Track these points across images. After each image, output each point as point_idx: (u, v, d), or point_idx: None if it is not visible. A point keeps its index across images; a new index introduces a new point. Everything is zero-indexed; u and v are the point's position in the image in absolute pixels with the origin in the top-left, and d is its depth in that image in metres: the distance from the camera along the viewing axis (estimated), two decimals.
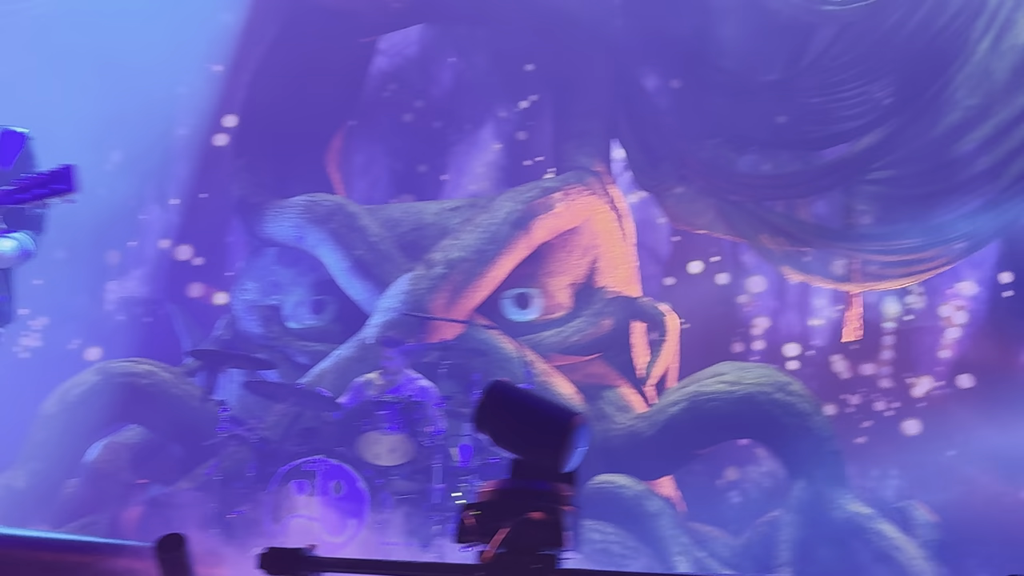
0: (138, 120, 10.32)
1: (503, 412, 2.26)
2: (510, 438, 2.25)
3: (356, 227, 10.08)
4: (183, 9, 9.69)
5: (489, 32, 11.03)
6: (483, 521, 2.14)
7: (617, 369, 9.89)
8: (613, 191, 10.31)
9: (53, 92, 9.60)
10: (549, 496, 2.14)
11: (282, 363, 9.96)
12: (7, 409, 3.82)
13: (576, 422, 2.20)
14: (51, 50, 9.94)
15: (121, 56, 9.73)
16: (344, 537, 7.02)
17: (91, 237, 10.47)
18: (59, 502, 9.35)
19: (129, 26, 9.72)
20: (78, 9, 10.10)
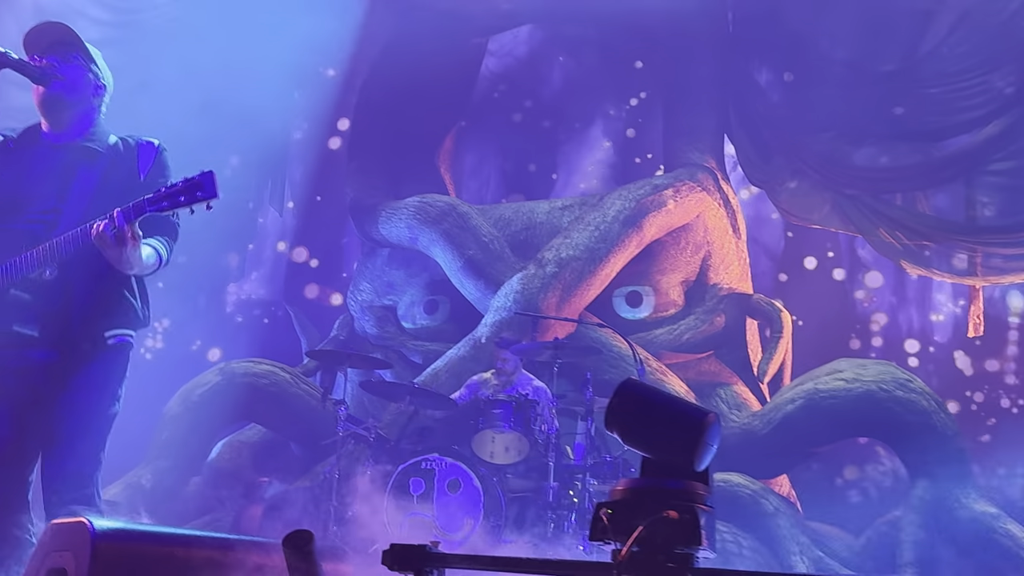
0: (255, 125, 10.54)
1: (634, 411, 2.26)
2: (641, 436, 2.24)
3: (468, 227, 10.15)
4: (298, 15, 9.86)
5: (598, 30, 11.01)
6: (617, 519, 2.13)
7: (731, 366, 9.79)
8: (725, 187, 10.20)
9: (173, 99, 9.85)
10: (683, 494, 2.13)
11: (397, 362, 10.09)
12: (133, 409, 3.95)
13: (709, 420, 2.18)
14: (171, 57, 10.20)
15: (238, 62, 9.95)
16: (460, 534, 7.07)
17: (211, 241, 10.73)
18: (183, 499, 9.59)
19: (245, 32, 9.93)
20: (196, 17, 10.35)
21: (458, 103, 11.63)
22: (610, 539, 2.14)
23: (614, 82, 11.32)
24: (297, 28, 9.95)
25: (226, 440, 9.92)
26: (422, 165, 11.36)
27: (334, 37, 10.55)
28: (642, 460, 2.23)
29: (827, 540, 8.69)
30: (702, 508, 2.13)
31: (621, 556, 2.06)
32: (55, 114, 4.11)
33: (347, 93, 11.20)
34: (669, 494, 2.12)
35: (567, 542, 7.10)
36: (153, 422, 9.61)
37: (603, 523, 2.16)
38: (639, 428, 2.24)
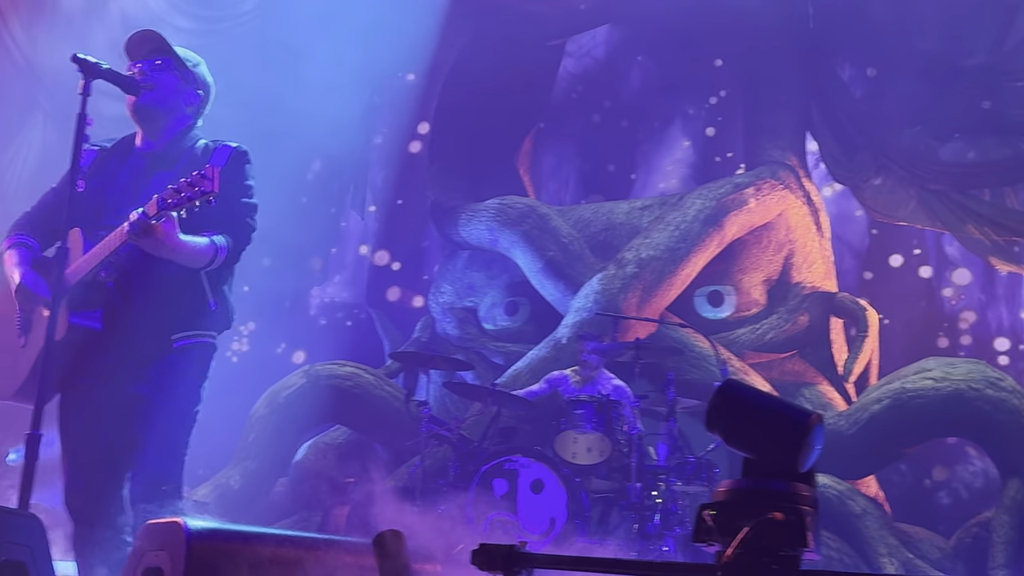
0: (336, 130, 10.67)
1: (736, 411, 2.24)
2: (744, 437, 2.23)
3: (548, 228, 10.16)
4: (378, 21, 9.96)
5: (676, 29, 10.95)
6: (721, 520, 2.12)
7: (815, 366, 9.67)
8: (807, 184, 10.09)
9: (255, 106, 10.01)
10: (788, 496, 2.11)
11: (479, 364, 10.13)
12: (220, 412, 4.03)
13: (813, 421, 2.16)
14: (254, 65, 10.36)
15: (319, 69, 10.08)
16: (544, 535, 7.08)
17: (294, 244, 10.89)
18: (271, 500, 9.74)
19: (326, 39, 10.06)
20: (278, 25, 10.51)
21: (536, 105, 11.65)
22: (714, 540, 2.13)
23: (693, 81, 11.24)
24: (377, 34, 10.05)
25: (311, 441, 10.05)
26: (501, 167, 11.40)
27: (413, 42, 10.63)
28: (743, 461, 2.22)
29: (916, 542, 8.55)
30: (807, 510, 2.11)
31: (725, 557, 2.05)
32: (147, 123, 4.18)
33: (427, 97, 11.29)
34: (773, 496, 2.10)
35: (651, 544, 7.07)
36: (240, 424, 9.78)
37: (707, 524, 2.15)
38: (741, 429, 2.22)
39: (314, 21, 10.18)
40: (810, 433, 2.15)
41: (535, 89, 11.52)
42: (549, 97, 11.74)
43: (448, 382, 8.73)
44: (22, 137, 10.47)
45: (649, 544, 7.05)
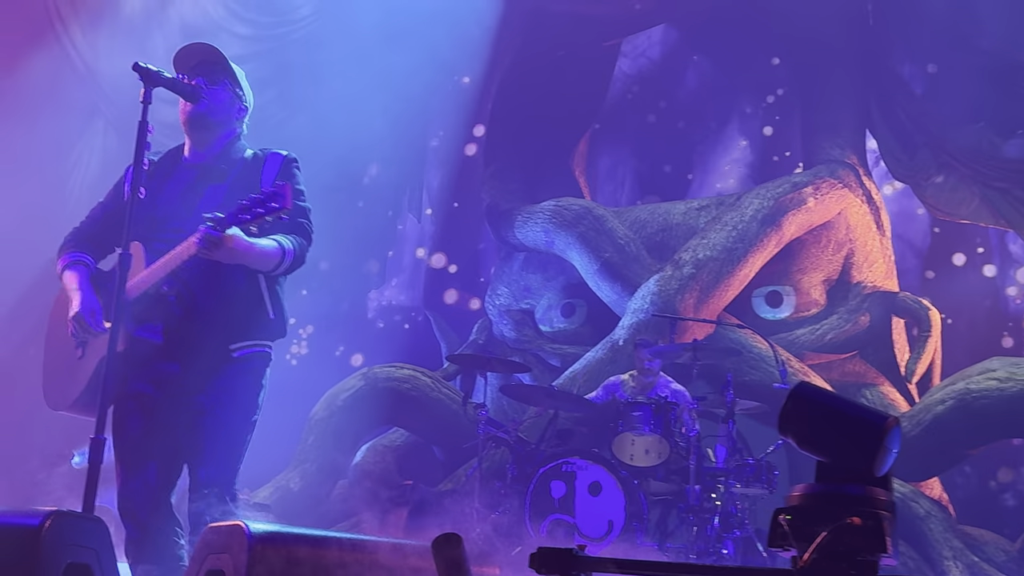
0: (393, 134, 10.73)
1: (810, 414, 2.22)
2: (818, 441, 2.20)
3: (604, 230, 10.14)
4: (433, 25, 9.99)
5: (732, 28, 10.88)
6: (797, 525, 2.09)
7: (877, 367, 9.55)
8: (867, 183, 9.97)
9: (312, 111, 10.10)
10: (865, 500, 2.08)
11: (536, 365, 10.13)
12: (280, 414, 4.06)
13: (890, 425, 2.13)
14: (311, 70, 10.45)
15: (375, 73, 10.14)
16: (602, 538, 7.06)
17: (352, 248, 10.96)
18: (330, 502, 9.80)
19: (382, 44, 10.11)
20: (334, 30, 10.58)
21: (592, 106, 11.63)
22: (789, 545, 2.10)
23: (750, 80, 11.16)
24: (432, 37, 10.09)
25: (370, 444, 10.10)
26: (557, 169, 11.40)
27: (469, 45, 10.66)
28: (817, 465, 2.19)
29: (981, 545, 8.41)
30: (885, 514, 2.07)
31: (802, 563, 2.02)
32: (199, 133, 4.21)
33: (482, 100, 11.32)
34: (850, 500, 2.07)
35: (710, 547, 7.02)
36: (300, 426, 9.85)
37: (782, 529, 2.12)
38: (816, 433, 2.19)
39: (369, 26, 10.24)
40: (887, 436, 2.11)
41: (590, 90, 11.50)
42: (604, 98, 11.71)
43: (504, 384, 8.73)
44: (83, 143, 10.63)
45: (708, 547, 7.00)
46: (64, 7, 10.35)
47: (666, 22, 11.55)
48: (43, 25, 10.34)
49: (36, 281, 8.61)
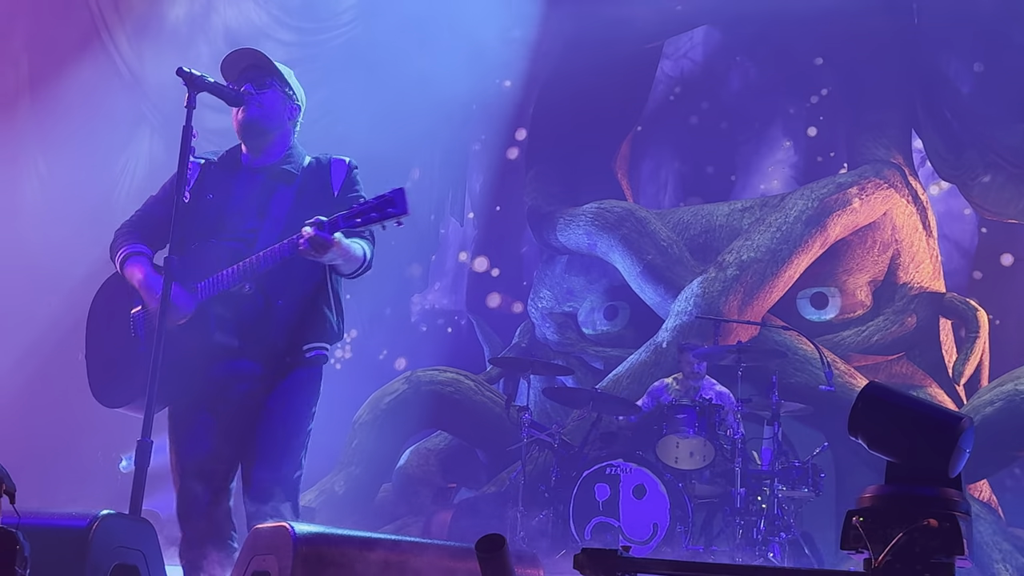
0: (435, 138, 10.76)
1: (881, 415, 2.19)
2: (890, 441, 2.17)
3: (646, 232, 10.11)
4: (475, 29, 10.01)
5: (774, 28, 10.80)
6: (871, 527, 2.07)
7: (924, 368, 9.45)
8: (913, 183, 9.87)
9: (356, 115, 10.14)
10: (939, 502, 2.05)
11: (579, 368, 10.12)
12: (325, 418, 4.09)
13: (963, 425, 2.10)
14: (354, 75, 10.50)
15: (417, 77, 10.18)
16: (646, 541, 7.04)
17: (395, 252, 10.99)
18: (374, 505, 9.84)
19: (424, 48, 10.15)
20: (377, 35, 10.63)
21: (634, 108, 11.59)
22: (863, 547, 2.07)
23: (793, 80, 11.07)
24: (474, 41, 10.11)
25: (414, 447, 10.13)
26: (599, 171, 11.37)
27: (511, 48, 10.67)
28: (887, 466, 2.16)
29: None
30: (961, 516, 2.04)
31: (877, 564, 1.99)
32: (254, 139, 4.24)
33: (524, 103, 11.32)
34: (925, 501, 2.04)
35: (756, 550, 6.98)
36: (344, 430, 9.90)
37: (856, 531, 2.10)
38: (888, 433, 2.17)
39: (411, 30, 10.29)
40: (961, 436, 2.09)
41: (632, 92, 11.46)
42: (646, 100, 11.66)
43: (547, 387, 8.73)
44: (130, 150, 10.74)
45: (754, 550, 6.96)
46: (110, 16, 10.47)
47: (708, 23, 11.49)
48: (89, 34, 10.47)
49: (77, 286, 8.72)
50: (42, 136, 10.20)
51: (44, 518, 3.11)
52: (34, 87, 10.30)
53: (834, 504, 8.91)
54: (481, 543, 2.45)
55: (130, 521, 3.34)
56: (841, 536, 2.12)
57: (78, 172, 10.19)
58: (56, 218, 9.99)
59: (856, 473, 8.99)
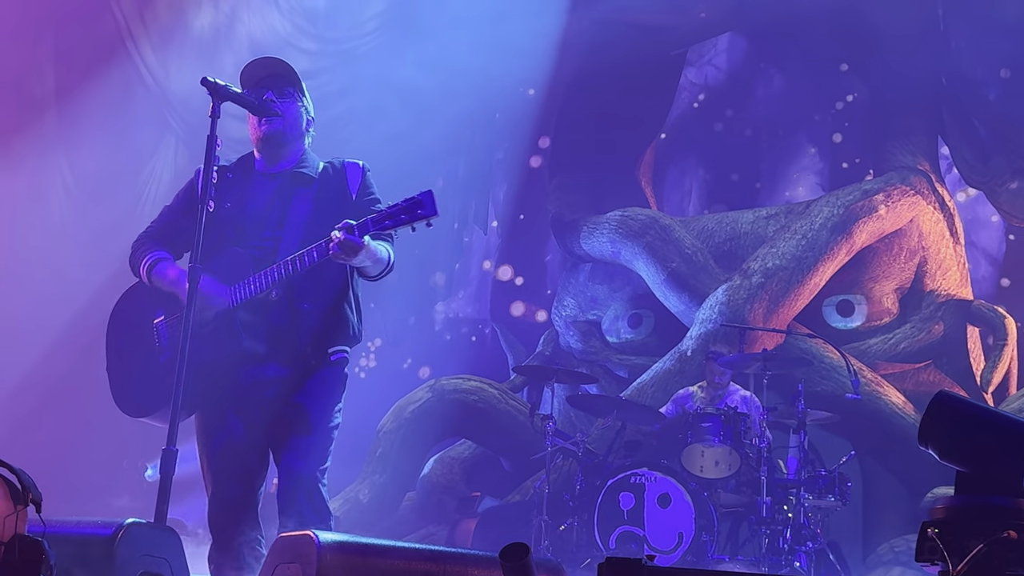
0: (458, 146, 10.76)
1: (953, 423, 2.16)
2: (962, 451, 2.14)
3: (671, 240, 10.08)
4: (498, 37, 10.02)
5: (799, 35, 10.77)
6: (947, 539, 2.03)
7: (951, 376, 9.37)
8: (940, 190, 9.80)
9: (378, 123, 10.16)
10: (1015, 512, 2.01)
11: (603, 377, 10.09)
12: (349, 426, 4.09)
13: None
14: (376, 83, 10.53)
15: (440, 85, 10.19)
16: (672, 550, 7.00)
17: (418, 260, 11.01)
18: (399, 514, 9.83)
19: (446, 56, 10.16)
20: (400, 43, 10.65)
21: (657, 115, 11.57)
22: (939, 559, 2.04)
23: (818, 86, 11.03)
24: (496, 50, 10.11)
25: (438, 456, 10.11)
26: (623, 179, 11.35)
27: (533, 56, 10.67)
28: (957, 476, 2.12)
29: None
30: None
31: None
32: (274, 150, 4.24)
33: (547, 111, 11.32)
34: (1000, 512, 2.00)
35: (782, 559, 6.94)
36: (368, 438, 9.89)
37: (933, 543, 2.06)
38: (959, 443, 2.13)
39: (434, 40, 10.29)
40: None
41: (656, 100, 11.44)
42: (670, 107, 11.65)
43: (572, 395, 8.70)
44: (155, 159, 10.79)
45: (780, 560, 6.91)
46: (135, 26, 10.53)
47: (732, 30, 11.47)
48: (115, 44, 10.53)
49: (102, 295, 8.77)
50: (68, 145, 10.26)
51: (70, 527, 3.12)
52: (60, 97, 10.37)
53: (861, 514, 8.85)
54: (505, 552, 2.44)
55: (155, 529, 3.34)
56: (916, 548, 2.08)
57: (104, 181, 10.25)
58: (82, 227, 10.05)
59: (883, 482, 8.94)
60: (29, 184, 10.02)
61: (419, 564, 2.98)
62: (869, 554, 8.53)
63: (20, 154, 9.91)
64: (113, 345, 4.35)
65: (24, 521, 2.68)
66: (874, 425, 8.77)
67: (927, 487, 8.54)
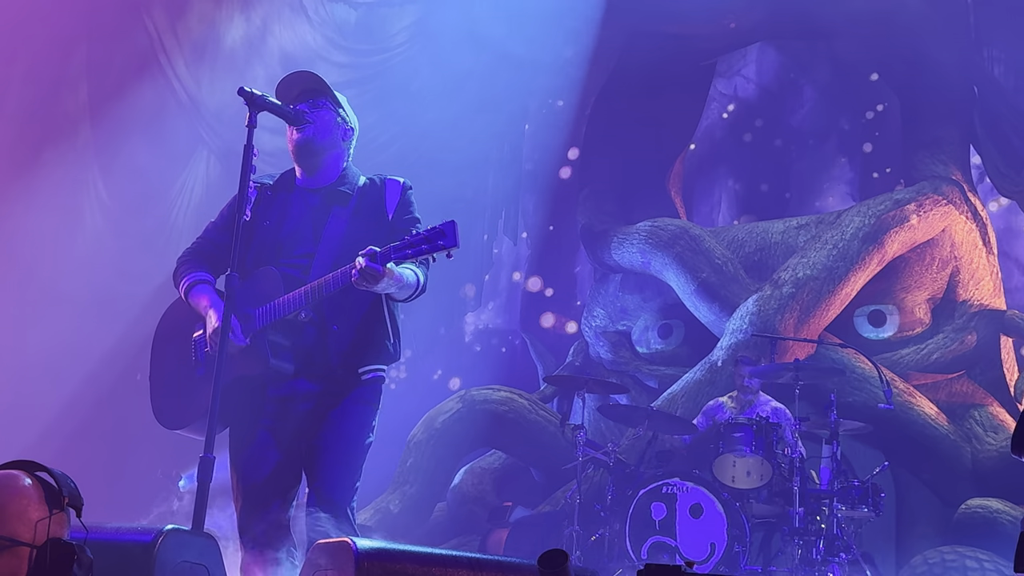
0: (488, 158, 10.79)
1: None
2: None
3: (701, 250, 10.06)
4: (526, 49, 10.05)
5: (830, 44, 10.74)
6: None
7: (985, 387, 9.30)
8: (972, 199, 9.74)
9: (410, 136, 10.21)
10: None
11: (633, 387, 10.07)
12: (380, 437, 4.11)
13: None
14: (407, 96, 10.58)
15: (470, 98, 10.23)
16: (704, 561, 6.98)
17: (448, 272, 11.02)
18: (430, 524, 9.84)
19: (476, 69, 10.20)
20: (430, 56, 10.70)
21: (687, 126, 11.56)
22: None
23: (848, 96, 10.99)
24: (525, 62, 10.14)
25: (468, 466, 10.13)
26: (652, 189, 11.34)
27: (563, 68, 10.70)
28: None
29: None
30: None
31: None
32: (307, 159, 4.26)
33: (576, 122, 11.34)
34: None
35: (815, 570, 6.90)
36: (398, 449, 9.93)
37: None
38: None
39: (463, 51, 10.34)
40: None
41: (685, 110, 11.44)
42: (700, 118, 11.64)
43: (602, 406, 8.69)
44: (188, 172, 10.88)
45: (814, 571, 6.88)
46: (168, 40, 10.64)
47: (761, 40, 11.45)
48: (148, 58, 10.64)
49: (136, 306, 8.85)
50: (102, 159, 10.37)
51: (110, 532, 3.15)
52: (94, 111, 10.48)
53: (894, 524, 8.79)
54: (543, 559, 2.45)
55: (194, 536, 3.37)
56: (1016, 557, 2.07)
57: (137, 195, 10.35)
58: (115, 240, 10.15)
59: (916, 493, 8.88)
60: (64, 198, 10.13)
61: (457, 571, 2.99)
62: (902, 565, 8.47)
63: (55, 168, 10.02)
64: (156, 357, 4.41)
65: (62, 526, 2.70)
66: (907, 436, 8.73)
67: (961, 498, 8.49)
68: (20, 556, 2.57)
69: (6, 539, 2.56)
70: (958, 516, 8.43)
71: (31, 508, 2.62)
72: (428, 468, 9.77)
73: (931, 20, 9.82)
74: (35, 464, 2.75)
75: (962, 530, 8.30)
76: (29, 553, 2.58)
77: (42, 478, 2.73)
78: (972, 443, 8.79)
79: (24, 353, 9.67)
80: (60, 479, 2.73)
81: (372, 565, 2.88)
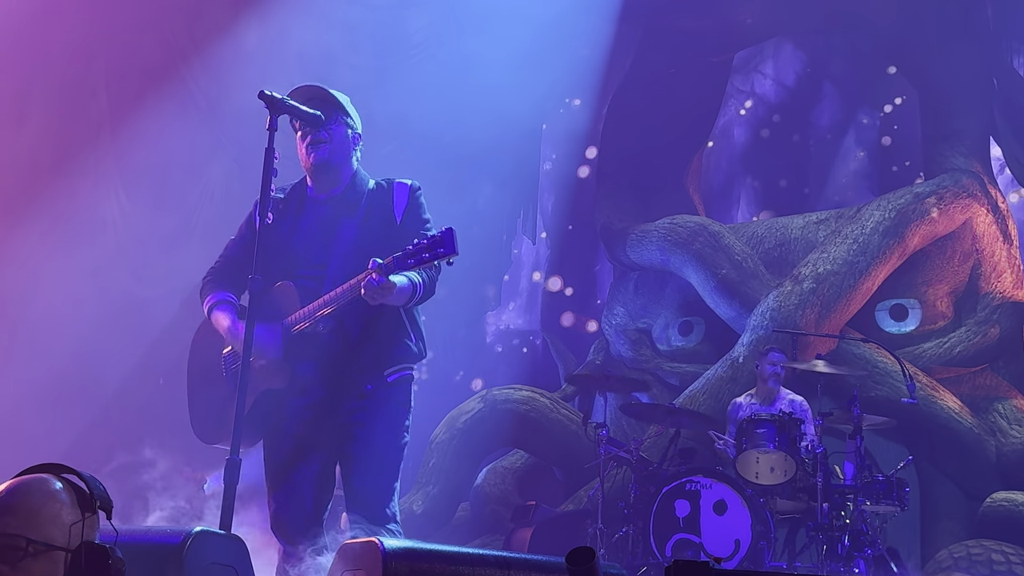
0: (506, 158, 10.79)
1: None
2: None
3: (720, 246, 10.03)
4: (543, 49, 10.05)
5: (846, 38, 10.71)
6: None
7: (1009, 380, 9.27)
8: (992, 191, 9.69)
9: (426, 137, 10.22)
10: None
11: (654, 385, 10.06)
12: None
13: None
14: (424, 97, 10.59)
15: (488, 99, 10.23)
16: (729, 558, 6.96)
17: (468, 273, 11.04)
18: (453, 524, 9.85)
19: (494, 70, 10.20)
20: (447, 57, 10.72)
21: (704, 122, 11.54)
22: None
23: (866, 89, 10.97)
24: (542, 62, 10.14)
25: (490, 466, 10.13)
26: (670, 187, 11.33)
27: (579, 67, 10.69)
28: None
29: None
30: None
31: None
32: (324, 176, 4.27)
33: (594, 121, 11.34)
34: None
35: (840, 566, 6.88)
36: (422, 450, 9.94)
37: None
38: None
39: (479, 52, 10.35)
40: None
41: (702, 106, 11.42)
42: (717, 114, 11.61)
43: (624, 404, 8.68)
44: (207, 177, 10.91)
45: (839, 566, 6.85)
46: (185, 45, 10.67)
47: (778, 35, 11.42)
48: (166, 64, 10.67)
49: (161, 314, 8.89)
50: (122, 166, 10.40)
51: (140, 534, 3.17)
52: (113, 118, 10.52)
53: (919, 519, 8.76)
54: (571, 556, 2.45)
55: (223, 538, 3.38)
56: None
57: (157, 200, 10.38)
58: (136, 246, 10.18)
59: (940, 488, 8.84)
60: (86, 205, 10.17)
61: (485, 570, 2.99)
62: (928, 560, 8.44)
63: (77, 177, 10.07)
64: (192, 372, 4.48)
65: (93, 528, 2.71)
66: (931, 430, 8.70)
67: (986, 492, 8.45)
68: (55, 561, 2.58)
69: (42, 544, 2.56)
70: (983, 510, 8.39)
71: (64, 512, 2.62)
72: (450, 468, 9.78)
73: (948, 13, 9.78)
74: (63, 467, 2.76)
75: (987, 524, 8.27)
76: (64, 557, 2.59)
77: (71, 481, 2.74)
78: (996, 436, 8.75)
79: (49, 357, 9.72)
80: (89, 481, 2.74)
81: (400, 565, 2.89)
